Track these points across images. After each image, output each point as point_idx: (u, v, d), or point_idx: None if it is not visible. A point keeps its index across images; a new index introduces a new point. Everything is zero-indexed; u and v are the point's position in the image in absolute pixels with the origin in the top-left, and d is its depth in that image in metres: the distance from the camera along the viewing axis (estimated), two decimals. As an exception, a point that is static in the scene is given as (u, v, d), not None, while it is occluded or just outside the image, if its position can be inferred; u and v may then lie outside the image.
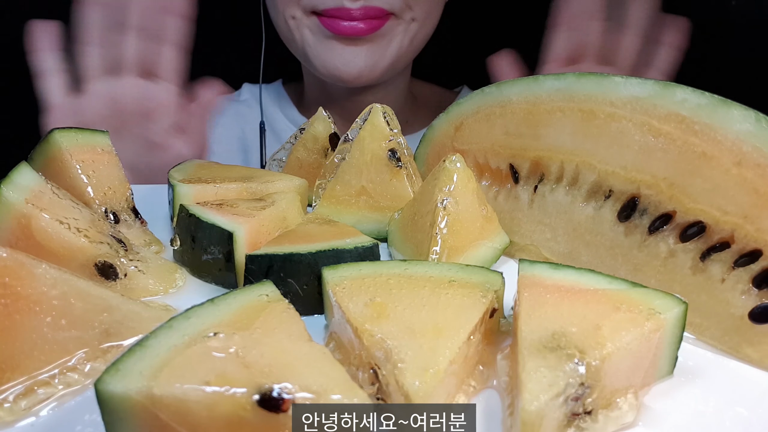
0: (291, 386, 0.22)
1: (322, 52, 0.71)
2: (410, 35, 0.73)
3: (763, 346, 0.31)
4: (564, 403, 0.24)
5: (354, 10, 0.67)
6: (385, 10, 0.69)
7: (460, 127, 0.47)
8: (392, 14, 0.70)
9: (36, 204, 0.34)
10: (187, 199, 0.43)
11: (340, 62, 0.71)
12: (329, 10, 0.68)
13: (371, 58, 0.71)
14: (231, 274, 0.37)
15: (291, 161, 0.55)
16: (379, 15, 0.69)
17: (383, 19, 0.69)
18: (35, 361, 0.27)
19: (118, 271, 0.35)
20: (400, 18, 0.71)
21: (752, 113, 0.32)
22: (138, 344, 0.23)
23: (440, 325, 0.27)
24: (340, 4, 0.67)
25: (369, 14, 0.68)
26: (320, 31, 0.70)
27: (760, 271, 0.32)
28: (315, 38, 0.71)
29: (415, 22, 0.72)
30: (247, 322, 0.26)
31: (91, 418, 0.26)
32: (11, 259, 0.27)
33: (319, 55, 0.72)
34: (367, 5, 0.67)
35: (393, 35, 0.71)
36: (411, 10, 0.71)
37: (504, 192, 0.45)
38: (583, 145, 0.39)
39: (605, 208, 0.38)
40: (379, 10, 0.68)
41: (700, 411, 0.28)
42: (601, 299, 0.29)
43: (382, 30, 0.70)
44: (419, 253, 0.38)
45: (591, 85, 0.38)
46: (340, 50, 0.70)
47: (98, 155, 0.43)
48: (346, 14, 0.67)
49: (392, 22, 0.70)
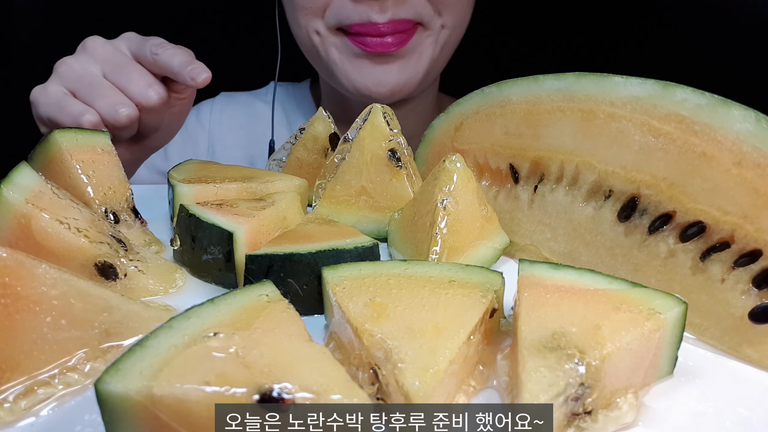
0: (291, 386, 0.22)
1: (351, 71, 0.68)
2: (441, 43, 0.69)
3: (763, 346, 0.31)
4: (564, 403, 0.24)
5: (382, 24, 0.63)
6: (413, 21, 0.65)
7: (460, 127, 0.47)
8: (420, 24, 0.67)
9: (36, 204, 0.34)
10: (187, 199, 0.43)
11: (371, 82, 0.67)
12: (355, 26, 0.65)
13: (403, 74, 0.68)
14: (231, 274, 0.37)
15: (291, 161, 0.55)
16: (407, 27, 0.65)
17: (411, 32, 0.66)
18: (35, 361, 0.27)
19: (118, 271, 0.35)
20: (429, 27, 0.67)
21: (752, 113, 0.32)
22: (138, 344, 0.23)
23: (440, 325, 0.27)
24: (367, 19, 0.63)
25: (398, 28, 0.64)
26: (348, 50, 0.67)
27: (760, 271, 0.32)
28: (342, 57, 0.68)
29: (445, 29, 0.68)
30: (247, 322, 0.26)
31: (91, 418, 0.26)
32: (11, 259, 0.27)
33: (348, 74, 0.68)
34: (395, 18, 0.64)
35: (423, 47, 0.68)
36: (440, 17, 0.67)
37: (504, 192, 0.45)
38: (583, 145, 0.39)
39: (605, 208, 0.38)
40: (408, 21, 0.65)
41: (700, 411, 0.28)
42: (601, 299, 0.29)
43: (411, 43, 0.66)
44: (419, 253, 0.38)
45: (591, 85, 0.38)
46: (370, 69, 0.67)
47: (98, 155, 0.43)
48: (373, 29, 0.64)
49: (421, 33, 0.67)
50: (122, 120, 0.52)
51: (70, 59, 0.56)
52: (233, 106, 0.89)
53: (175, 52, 0.53)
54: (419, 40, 0.67)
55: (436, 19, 0.67)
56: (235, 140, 0.87)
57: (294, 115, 0.87)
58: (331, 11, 0.65)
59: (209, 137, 0.87)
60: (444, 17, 0.67)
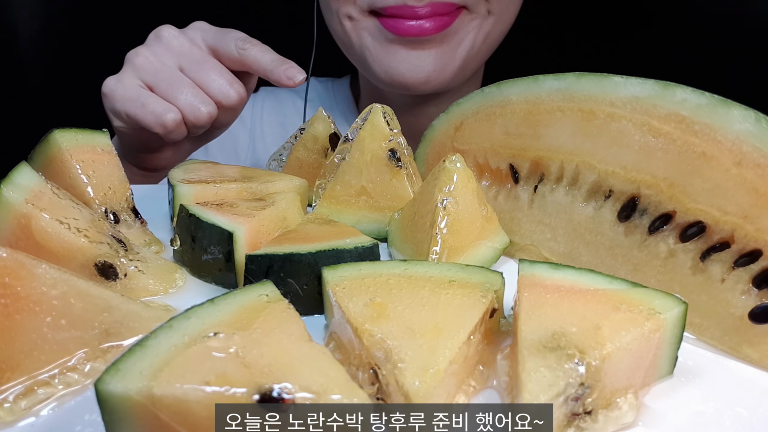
0: (291, 386, 0.22)
1: (384, 57, 0.62)
2: (485, 31, 0.63)
3: (763, 346, 0.31)
4: (564, 403, 0.24)
5: (419, 8, 0.58)
6: (456, 4, 0.59)
7: (460, 127, 0.47)
8: (464, 8, 0.61)
9: (36, 204, 0.34)
10: (187, 199, 0.43)
11: (404, 68, 0.62)
12: (390, 8, 0.59)
13: (440, 60, 0.62)
14: (231, 274, 0.37)
15: (291, 161, 0.55)
16: (449, 10, 0.59)
17: (454, 15, 0.60)
18: (35, 361, 0.27)
19: (118, 271, 0.35)
20: (474, 12, 0.61)
21: (752, 113, 0.32)
22: (138, 344, 0.23)
23: (440, 325, 0.27)
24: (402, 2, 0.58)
25: (437, 11, 0.58)
26: (381, 34, 0.62)
27: (760, 271, 0.32)
28: (375, 42, 0.63)
29: (491, 16, 0.62)
30: (247, 322, 0.26)
31: (91, 418, 0.26)
32: (11, 259, 0.27)
33: (381, 60, 0.63)
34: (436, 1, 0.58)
35: (465, 32, 0.62)
36: (487, 2, 0.61)
37: (504, 192, 0.45)
38: (583, 145, 0.39)
39: (605, 208, 0.38)
40: (450, 4, 0.59)
41: (700, 411, 0.28)
42: (601, 299, 0.29)
43: (452, 27, 0.60)
44: (419, 253, 0.38)
45: (591, 85, 0.38)
46: (405, 54, 0.61)
47: (98, 155, 0.43)
48: (410, 13, 0.58)
49: (464, 17, 0.61)
50: (203, 119, 0.50)
51: (144, 50, 0.53)
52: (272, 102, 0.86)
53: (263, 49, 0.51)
54: (461, 24, 0.62)
55: (482, 3, 0.61)
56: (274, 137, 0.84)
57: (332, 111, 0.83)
58: None
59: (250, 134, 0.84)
60: (491, 2, 0.62)
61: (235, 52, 0.52)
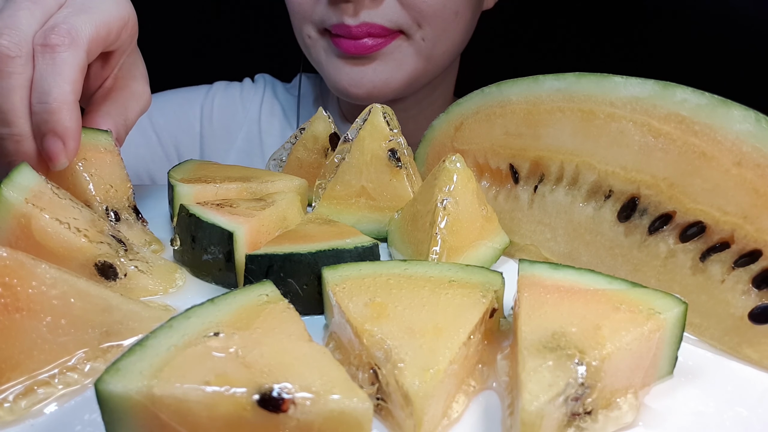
0: (291, 386, 0.22)
1: (332, 71, 0.70)
2: (425, 55, 0.69)
3: (763, 346, 0.31)
4: (564, 403, 0.24)
5: (354, 27, 0.65)
6: (388, 29, 0.66)
7: (460, 127, 0.47)
8: (402, 33, 0.67)
9: (36, 204, 0.34)
10: (187, 199, 0.43)
11: (347, 82, 0.69)
12: (334, 27, 0.66)
13: (379, 76, 0.68)
14: (231, 274, 0.37)
15: (291, 161, 0.55)
16: (383, 33, 0.66)
17: (390, 37, 0.66)
18: (35, 360, 0.27)
19: (117, 271, 0.35)
20: (411, 38, 0.67)
21: (752, 113, 0.32)
22: (138, 344, 0.23)
23: (440, 325, 0.27)
24: (340, 21, 0.65)
25: (371, 32, 0.65)
26: (332, 51, 0.69)
27: (760, 272, 0.32)
28: (327, 57, 0.70)
29: (427, 42, 0.68)
30: (247, 322, 0.26)
31: (91, 418, 0.26)
32: (11, 259, 0.27)
33: (330, 74, 0.71)
34: (369, 22, 0.65)
35: (404, 55, 0.68)
36: (420, 29, 0.67)
37: (504, 192, 0.45)
38: (583, 145, 0.39)
39: (605, 208, 0.38)
40: (381, 27, 0.65)
41: (700, 411, 0.28)
42: (601, 299, 0.29)
43: (389, 48, 0.67)
44: (419, 253, 0.38)
45: (591, 85, 0.38)
46: (348, 70, 0.69)
47: (100, 154, 0.43)
48: (346, 32, 0.65)
49: (401, 41, 0.67)
50: None
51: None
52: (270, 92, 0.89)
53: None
54: (398, 47, 0.68)
55: (416, 30, 0.67)
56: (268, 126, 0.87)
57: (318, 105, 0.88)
58: (315, 14, 0.68)
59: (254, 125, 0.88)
60: (424, 30, 0.67)
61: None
